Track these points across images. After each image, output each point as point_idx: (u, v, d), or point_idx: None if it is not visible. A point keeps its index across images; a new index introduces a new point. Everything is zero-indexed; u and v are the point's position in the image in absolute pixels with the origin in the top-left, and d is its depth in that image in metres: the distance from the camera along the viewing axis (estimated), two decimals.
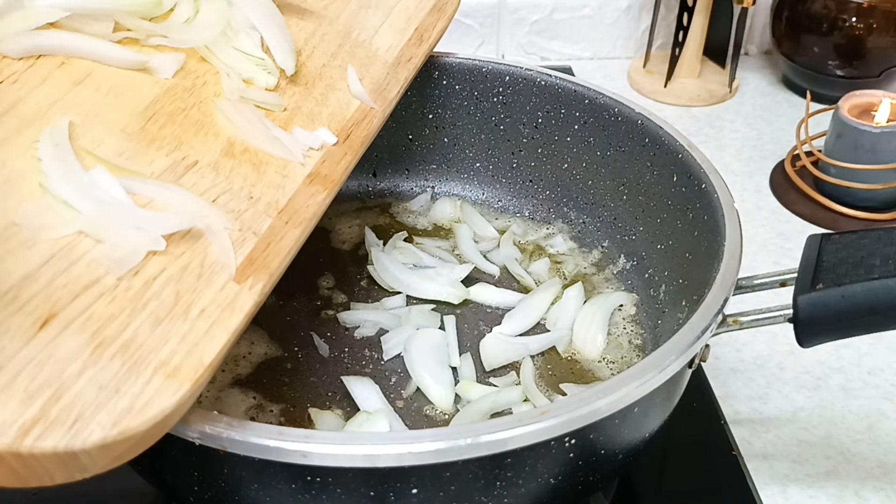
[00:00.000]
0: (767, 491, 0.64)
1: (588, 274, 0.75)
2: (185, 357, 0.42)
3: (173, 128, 0.53)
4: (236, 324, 0.45)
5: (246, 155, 0.55)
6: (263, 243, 0.50)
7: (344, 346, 0.68)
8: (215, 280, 0.46)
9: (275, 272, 0.49)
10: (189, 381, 0.41)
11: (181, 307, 0.44)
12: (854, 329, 0.54)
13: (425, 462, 0.45)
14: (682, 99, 1.12)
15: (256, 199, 0.52)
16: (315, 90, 0.63)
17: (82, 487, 0.64)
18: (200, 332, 0.43)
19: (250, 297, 0.47)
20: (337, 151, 0.59)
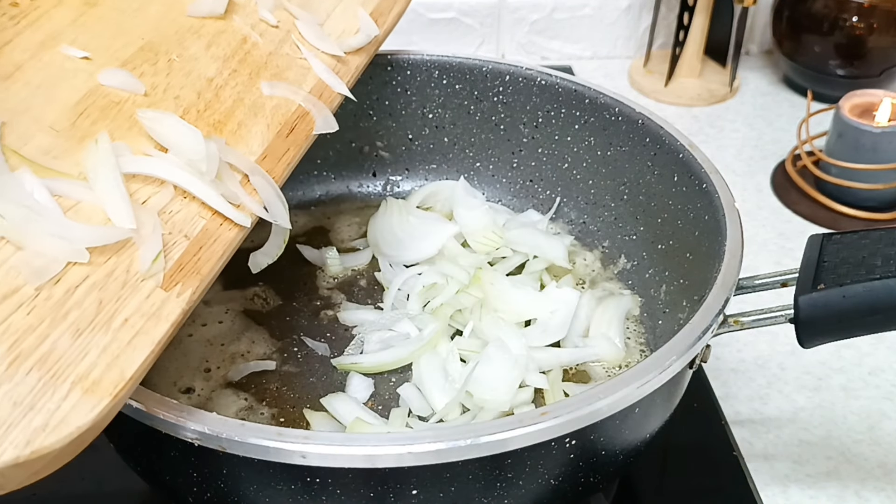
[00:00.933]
0: (768, 491, 0.64)
1: (588, 274, 0.75)
2: (104, 370, 0.40)
3: (105, 123, 0.50)
4: (161, 333, 0.43)
5: None
6: (195, 247, 0.48)
7: (343, 346, 0.68)
8: (141, 287, 0.44)
9: (206, 277, 0.47)
10: (108, 396, 0.39)
11: (103, 317, 0.42)
12: (855, 329, 0.54)
13: (425, 462, 0.45)
14: (683, 98, 1.12)
15: (190, 200, 0.50)
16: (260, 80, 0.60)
17: (82, 487, 0.64)
18: (122, 344, 0.41)
19: (178, 305, 0.44)
20: (279, 146, 0.56)
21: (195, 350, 0.67)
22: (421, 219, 0.77)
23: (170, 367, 0.65)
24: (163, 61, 0.56)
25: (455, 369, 0.62)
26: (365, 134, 0.82)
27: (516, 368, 0.61)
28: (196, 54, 0.58)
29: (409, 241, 0.74)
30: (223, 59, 0.59)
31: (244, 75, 0.59)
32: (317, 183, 0.83)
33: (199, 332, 0.68)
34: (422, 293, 0.69)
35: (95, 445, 0.64)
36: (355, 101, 0.79)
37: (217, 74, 0.58)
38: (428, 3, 1.14)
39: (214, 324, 0.69)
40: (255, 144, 0.56)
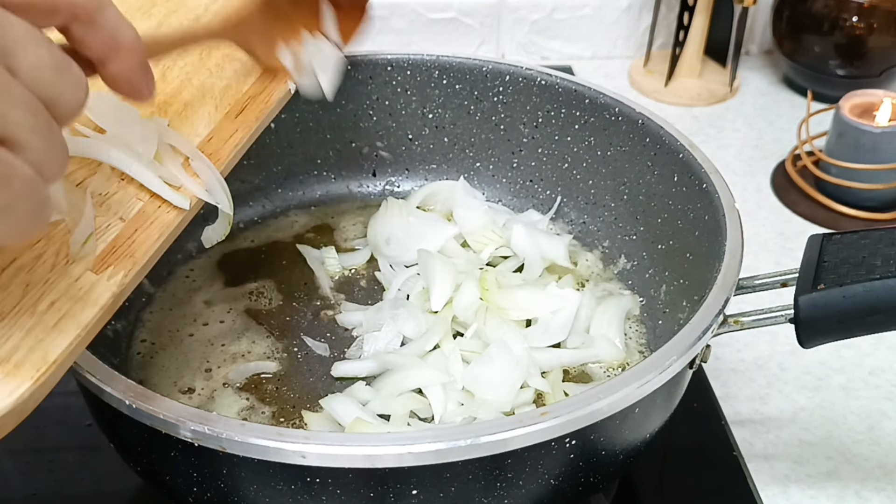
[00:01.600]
0: (768, 491, 0.64)
1: (589, 274, 0.75)
2: (27, 353, 0.39)
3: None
4: (89, 317, 0.42)
5: None
6: (130, 229, 0.46)
7: (343, 346, 0.68)
8: (70, 271, 0.43)
9: (140, 260, 0.46)
10: (29, 380, 0.38)
11: (29, 300, 0.41)
12: (855, 329, 0.54)
13: (425, 462, 0.45)
14: (683, 98, 1.12)
15: (129, 181, 0.48)
16: (210, 61, 0.59)
17: (82, 487, 0.64)
18: (47, 327, 0.40)
19: (107, 289, 0.43)
20: (227, 128, 0.55)
21: (196, 350, 0.67)
22: (421, 219, 0.77)
23: (170, 366, 0.65)
24: None
25: (457, 370, 0.62)
26: (365, 134, 0.82)
27: (518, 369, 0.61)
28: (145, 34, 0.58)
29: (409, 241, 0.74)
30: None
31: (194, 56, 0.58)
32: (317, 183, 0.83)
33: (200, 332, 0.68)
34: (422, 293, 0.69)
35: (95, 445, 0.65)
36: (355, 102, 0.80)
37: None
38: (428, 3, 1.14)
39: (216, 323, 0.69)
40: (201, 126, 0.55)
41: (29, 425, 0.68)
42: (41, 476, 0.65)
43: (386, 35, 1.15)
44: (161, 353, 0.67)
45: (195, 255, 0.76)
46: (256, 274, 0.75)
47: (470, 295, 0.67)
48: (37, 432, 0.68)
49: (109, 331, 0.65)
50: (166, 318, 0.70)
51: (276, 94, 0.60)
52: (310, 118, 0.80)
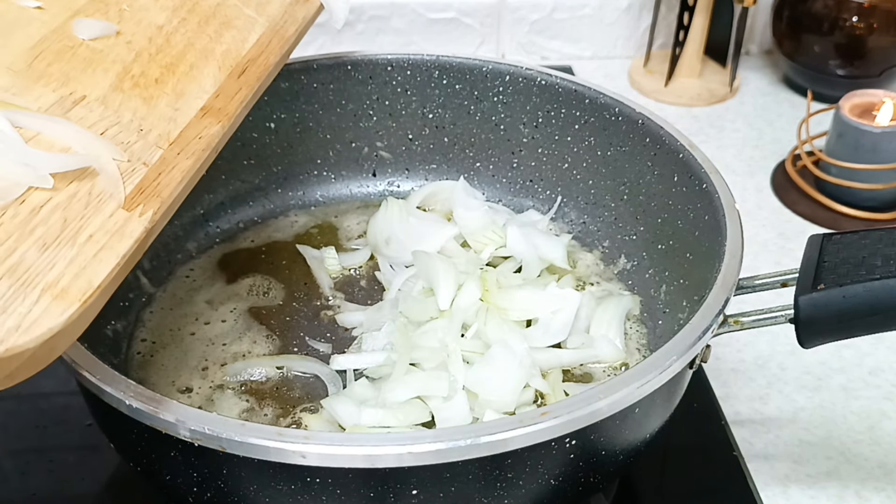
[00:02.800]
0: (768, 491, 0.64)
1: (589, 274, 0.75)
2: (72, 279, 0.42)
3: (61, 65, 0.54)
4: (125, 248, 0.45)
5: (136, 90, 0.55)
6: (154, 173, 0.50)
7: (344, 346, 0.68)
8: (104, 208, 0.46)
9: (166, 200, 0.49)
10: (77, 302, 0.41)
11: (69, 233, 0.44)
12: (855, 329, 0.54)
13: (425, 462, 0.45)
14: (683, 98, 1.12)
15: (147, 132, 0.52)
16: (209, 28, 0.63)
17: (82, 487, 0.64)
18: (88, 257, 0.44)
19: (140, 224, 0.47)
20: (231, 86, 0.59)
21: (196, 349, 0.67)
22: (421, 219, 0.77)
23: (169, 366, 0.65)
24: (114, 10, 0.60)
25: (458, 370, 0.62)
26: (365, 134, 0.82)
27: (521, 369, 0.61)
28: (146, 4, 0.62)
29: (409, 241, 0.74)
30: (172, 9, 0.63)
31: (193, 23, 0.62)
32: (317, 183, 0.83)
33: (201, 331, 0.68)
34: (422, 293, 0.69)
35: (95, 445, 0.65)
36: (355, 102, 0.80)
37: (167, 22, 0.61)
38: (428, 3, 1.14)
39: (217, 323, 0.69)
40: (208, 84, 0.59)
41: (29, 425, 0.69)
42: (41, 476, 0.65)
43: (386, 35, 1.15)
44: (161, 352, 0.67)
45: (195, 256, 0.76)
46: (256, 274, 0.75)
47: (470, 295, 0.67)
48: (37, 432, 0.68)
49: (109, 331, 0.65)
50: (167, 318, 0.70)
51: (274, 57, 0.65)
52: (310, 118, 0.80)
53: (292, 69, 0.77)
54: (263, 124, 0.79)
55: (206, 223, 0.78)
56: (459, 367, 0.61)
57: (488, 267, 0.72)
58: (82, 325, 0.42)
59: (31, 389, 0.71)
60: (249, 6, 0.67)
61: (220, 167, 0.77)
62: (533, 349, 0.64)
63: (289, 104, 0.79)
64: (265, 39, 0.65)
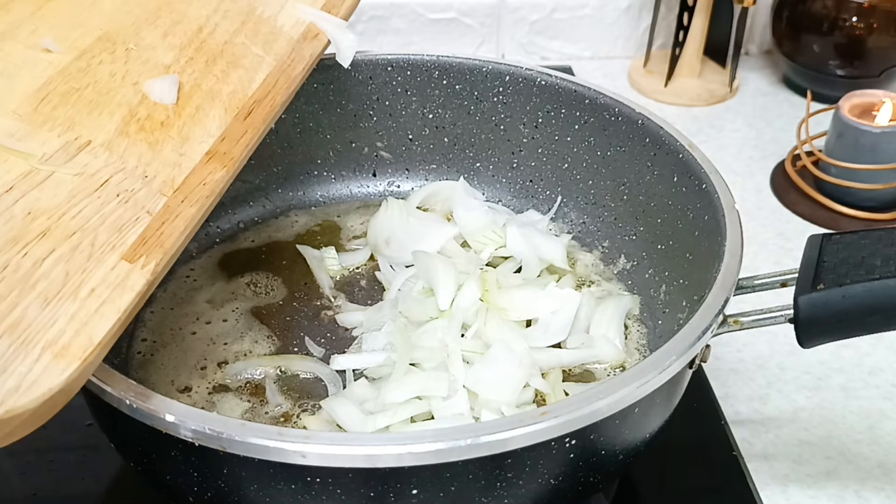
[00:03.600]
0: (768, 491, 0.64)
1: (589, 274, 0.75)
2: (73, 336, 0.42)
3: (66, 108, 0.54)
4: (127, 302, 0.45)
5: (141, 134, 0.55)
6: (157, 222, 0.50)
7: (343, 346, 0.68)
8: (106, 259, 0.46)
9: (169, 251, 0.49)
10: (77, 360, 0.41)
11: (70, 287, 0.44)
12: (855, 329, 0.54)
13: (425, 462, 0.45)
14: (683, 99, 1.12)
15: (151, 178, 0.53)
16: (216, 68, 0.62)
17: (82, 487, 0.64)
18: (90, 312, 0.44)
19: (142, 276, 0.47)
20: (237, 129, 0.59)
21: (196, 348, 0.67)
22: (421, 219, 0.77)
23: (168, 364, 0.65)
24: (120, 50, 0.59)
25: (458, 370, 0.62)
26: (365, 134, 0.82)
27: (522, 369, 0.61)
28: (153, 43, 0.61)
29: (409, 241, 0.74)
30: (179, 48, 0.62)
31: (200, 63, 0.62)
32: (317, 183, 0.83)
33: (202, 330, 0.69)
34: (422, 294, 0.69)
35: (96, 445, 0.65)
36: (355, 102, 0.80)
37: (174, 62, 0.61)
38: (428, 3, 1.14)
39: (218, 322, 0.69)
40: (213, 127, 0.58)
41: None
42: (41, 476, 0.65)
43: (386, 35, 1.15)
44: (161, 351, 0.67)
45: (195, 256, 0.76)
46: (257, 274, 0.75)
47: (470, 295, 0.67)
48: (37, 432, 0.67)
49: None
50: (168, 317, 0.70)
51: (280, 97, 0.64)
52: (310, 118, 0.80)
53: None
54: None
55: (206, 223, 0.78)
56: (459, 367, 0.61)
57: (488, 267, 0.72)
58: (81, 383, 0.42)
59: None
60: (257, 44, 0.66)
61: None
62: (533, 349, 0.64)
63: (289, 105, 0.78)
64: (272, 79, 0.65)
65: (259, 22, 0.68)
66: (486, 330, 0.64)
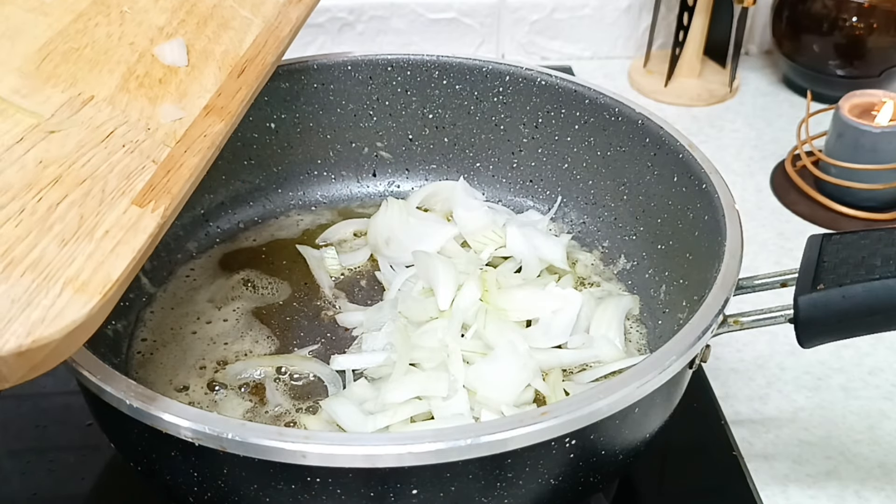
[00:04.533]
0: (768, 491, 0.64)
1: (589, 274, 0.75)
2: (92, 273, 0.44)
3: (68, 66, 0.55)
4: (140, 243, 0.47)
5: (141, 90, 0.57)
6: (163, 170, 0.52)
7: (343, 346, 0.68)
8: (117, 204, 0.48)
9: (176, 196, 0.51)
10: (98, 295, 0.43)
11: (86, 229, 0.46)
12: (855, 329, 0.54)
13: (425, 462, 0.45)
14: (683, 99, 1.12)
15: (154, 130, 0.55)
16: (207, 29, 0.65)
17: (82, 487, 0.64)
18: (106, 251, 0.45)
19: (153, 220, 0.49)
20: (232, 85, 0.62)
21: (196, 348, 0.67)
22: (421, 219, 0.77)
23: (167, 363, 0.65)
24: (115, 13, 0.62)
25: (458, 370, 0.62)
26: (365, 134, 0.82)
27: (524, 371, 0.61)
28: (146, 6, 0.64)
29: (409, 242, 0.74)
30: (171, 11, 0.65)
31: (192, 24, 0.65)
32: (317, 183, 0.83)
33: (202, 330, 0.69)
34: (422, 294, 0.69)
35: (95, 445, 0.65)
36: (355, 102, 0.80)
37: (167, 24, 0.63)
38: (428, 3, 1.14)
39: (219, 322, 0.69)
40: (209, 83, 0.61)
41: (29, 425, 0.69)
42: (41, 476, 0.65)
43: (386, 35, 1.15)
44: (161, 350, 0.67)
45: (196, 256, 0.76)
46: (257, 274, 0.75)
47: (470, 295, 0.67)
48: (37, 432, 0.68)
49: (109, 330, 0.65)
50: (168, 317, 0.70)
51: (270, 57, 0.66)
52: (310, 118, 0.80)
53: (292, 69, 0.77)
54: (264, 124, 0.79)
55: (206, 223, 0.79)
56: (459, 367, 0.61)
57: (488, 267, 0.72)
58: (101, 317, 0.44)
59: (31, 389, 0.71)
60: (245, 7, 0.69)
61: (220, 167, 0.77)
62: (533, 349, 0.64)
63: (289, 104, 0.79)
64: (261, 40, 0.67)
65: None
66: (485, 331, 0.64)
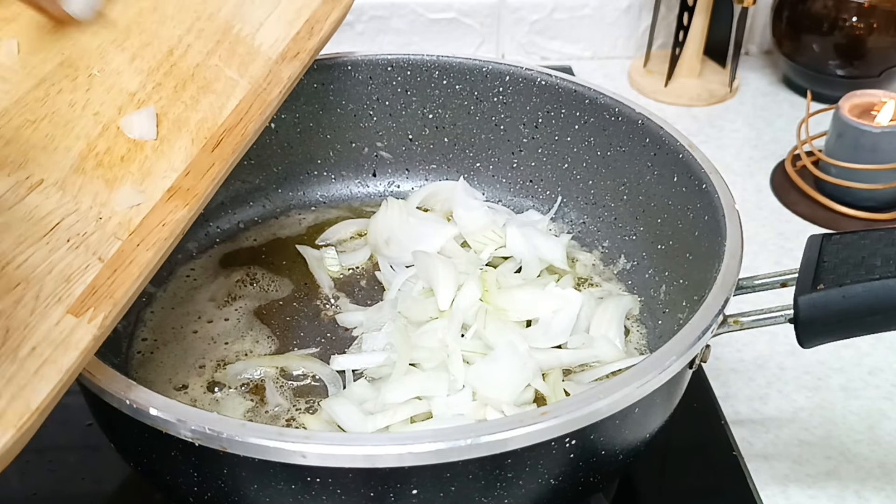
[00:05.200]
0: (768, 491, 0.64)
1: (589, 274, 0.75)
2: (9, 402, 0.39)
3: (20, 144, 0.50)
4: (70, 362, 0.42)
5: (98, 170, 0.51)
6: (108, 270, 0.47)
7: (343, 346, 0.68)
8: (50, 314, 0.43)
9: (119, 301, 0.46)
10: (13, 428, 0.39)
11: (10, 346, 0.41)
12: (855, 329, 0.54)
13: (425, 462, 0.45)
14: (683, 99, 1.12)
15: (106, 220, 0.49)
16: (185, 94, 0.59)
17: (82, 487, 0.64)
18: (29, 374, 0.41)
19: (88, 332, 0.43)
20: (203, 161, 0.55)
21: (196, 347, 0.67)
22: (421, 219, 0.77)
23: (167, 362, 0.65)
24: (83, 76, 0.56)
25: (458, 370, 0.62)
26: (365, 134, 0.82)
27: (525, 371, 0.61)
28: (119, 67, 0.58)
29: (409, 242, 0.74)
30: (147, 73, 0.58)
31: (168, 89, 0.58)
32: (317, 183, 0.83)
33: (203, 329, 0.69)
34: (422, 294, 0.69)
35: (95, 445, 0.65)
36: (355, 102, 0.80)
37: (140, 89, 0.57)
38: (428, 3, 1.14)
39: (219, 322, 0.69)
40: (178, 160, 0.55)
41: None
42: (41, 476, 0.65)
43: (386, 35, 1.15)
44: (161, 349, 0.67)
45: (195, 255, 0.76)
46: (257, 274, 0.75)
47: (470, 295, 0.67)
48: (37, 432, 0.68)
49: None
50: (168, 317, 0.70)
51: (253, 125, 0.60)
52: (310, 118, 0.80)
53: None
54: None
55: (206, 223, 0.79)
56: (459, 368, 0.61)
57: (488, 267, 0.72)
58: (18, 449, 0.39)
59: None
60: (231, 67, 0.62)
61: None
62: (533, 349, 0.64)
63: (289, 104, 0.78)
64: (245, 105, 0.60)
65: (235, 41, 0.64)
66: (486, 330, 0.64)
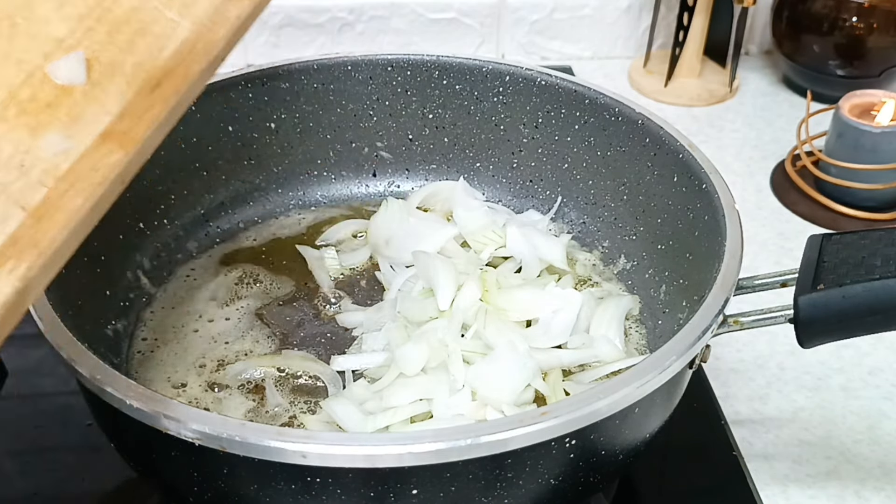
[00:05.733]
0: (768, 491, 0.64)
1: (589, 274, 0.75)
2: None
3: None
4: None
5: (22, 118, 0.48)
6: (32, 219, 0.44)
7: (343, 346, 0.68)
8: None
9: (45, 250, 0.43)
10: None
11: None
12: (855, 329, 0.54)
13: (425, 462, 0.45)
14: (683, 99, 1.12)
15: (29, 168, 0.46)
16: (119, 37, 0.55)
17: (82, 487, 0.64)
18: None
19: (9, 284, 0.41)
20: (141, 104, 0.51)
21: (197, 346, 0.67)
22: (421, 219, 0.77)
23: (166, 361, 0.66)
24: (5, 25, 0.53)
25: (458, 370, 0.62)
26: (365, 134, 0.82)
27: (525, 371, 0.61)
28: (46, 15, 0.54)
29: (409, 242, 0.74)
30: (77, 19, 0.55)
31: (101, 34, 0.54)
32: (317, 183, 0.83)
33: (204, 328, 0.69)
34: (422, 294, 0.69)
35: (95, 445, 0.65)
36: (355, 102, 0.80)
37: (69, 34, 0.53)
38: (428, 3, 1.14)
39: (219, 321, 0.69)
40: (112, 104, 0.51)
41: (29, 425, 0.69)
42: (41, 476, 0.65)
43: (386, 35, 1.15)
44: (161, 349, 0.67)
45: (196, 255, 0.76)
46: (257, 274, 0.75)
47: (470, 295, 0.67)
48: (37, 432, 0.68)
49: (109, 330, 0.65)
50: (168, 317, 0.70)
51: (198, 65, 0.56)
52: (310, 118, 0.80)
53: (292, 69, 0.77)
54: (263, 124, 0.79)
55: (206, 223, 0.79)
56: (459, 367, 0.61)
57: (488, 267, 0.72)
58: None
59: (31, 389, 0.71)
60: (172, 8, 0.57)
61: (220, 167, 0.77)
62: (533, 349, 0.64)
63: (289, 104, 0.79)
64: (187, 46, 0.56)
65: None
66: (486, 330, 0.64)
